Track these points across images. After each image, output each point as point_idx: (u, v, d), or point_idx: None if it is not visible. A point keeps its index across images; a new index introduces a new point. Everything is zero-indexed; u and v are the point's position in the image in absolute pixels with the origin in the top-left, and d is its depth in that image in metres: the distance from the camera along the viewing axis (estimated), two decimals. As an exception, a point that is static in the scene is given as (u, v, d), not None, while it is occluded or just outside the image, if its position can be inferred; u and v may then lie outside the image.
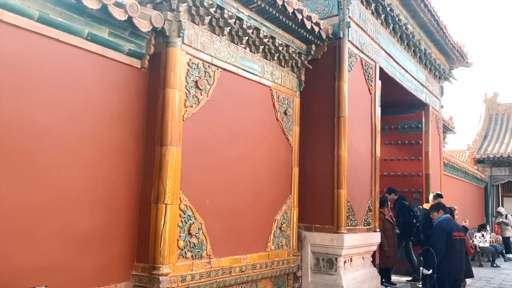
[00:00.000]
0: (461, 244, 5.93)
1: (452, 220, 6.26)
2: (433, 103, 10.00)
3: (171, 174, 4.20)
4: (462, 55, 10.12)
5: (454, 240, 5.83)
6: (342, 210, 6.02)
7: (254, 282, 5.39)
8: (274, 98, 5.86)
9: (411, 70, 8.75)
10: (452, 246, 5.81)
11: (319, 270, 6.11)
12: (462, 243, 5.98)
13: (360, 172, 6.66)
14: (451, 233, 5.85)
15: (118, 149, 4.14)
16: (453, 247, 5.81)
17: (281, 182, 5.96)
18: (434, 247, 5.84)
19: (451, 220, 6.20)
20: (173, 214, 4.21)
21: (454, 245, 5.82)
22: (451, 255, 5.80)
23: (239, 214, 5.15)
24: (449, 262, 5.79)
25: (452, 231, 5.88)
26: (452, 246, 5.81)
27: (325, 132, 6.28)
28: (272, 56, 5.80)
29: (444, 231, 5.89)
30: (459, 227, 6.21)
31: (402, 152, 9.68)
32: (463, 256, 5.97)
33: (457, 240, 5.88)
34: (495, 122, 24.94)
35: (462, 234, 6.06)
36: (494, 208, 21.45)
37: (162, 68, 4.35)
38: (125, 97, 4.25)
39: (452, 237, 5.83)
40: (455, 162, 16.68)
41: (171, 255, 4.18)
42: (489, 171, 22.48)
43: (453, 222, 6.19)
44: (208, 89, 4.73)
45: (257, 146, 5.53)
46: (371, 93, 7.12)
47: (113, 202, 4.07)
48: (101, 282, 3.89)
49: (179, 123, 4.33)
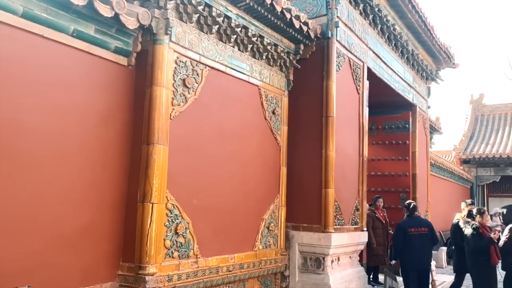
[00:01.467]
0: (420, 239, 6.50)
1: (416, 217, 6.83)
2: (420, 104, 10.08)
3: (158, 173, 4.16)
4: (449, 56, 10.22)
5: (410, 236, 6.51)
6: (329, 210, 6.03)
7: (242, 281, 5.37)
8: (262, 97, 5.85)
9: (398, 71, 8.81)
10: (410, 241, 6.50)
11: (306, 270, 6.12)
12: (422, 237, 6.53)
13: (348, 172, 6.69)
14: (407, 230, 6.54)
15: (104, 147, 4.09)
16: (411, 242, 6.49)
17: (269, 181, 5.95)
18: (393, 242, 6.85)
19: (414, 218, 6.77)
20: (159, 213, 4.18)
21: (411, 240, 6.49)
22: (409, 249, 6.49)
23: (226, 214, 5.12)
24: (408, 254, 6.53)
25: (408, 228, 6.56)
26: (409, 241, 6.50)
27: (313, 132, 6.29)
28: (261, 55, 5.79)
29: (400, 228, 6.68)
30: (420, 223, 6.73)
31: (390, 152, 9.74)
32: (423, 249, 6.53)
33: (414, 235, 6.51)
34: (481, 123, 25.29)
35: (421, 229, 6.59)
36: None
37: (149, 66, 4.31)
38: (112, 95, 4.19)
39: (408, 233, 6.52)
40: (441, 162, 16.88)
41: (157, 254, 4.14)
42: (475, 172, 22.79)
43: (416, 220, 6.78)
44: (196, 88, 4.70)
45: (245, 145, 5.51)
46: (359, 93, 7.15)
47: (99, 201, 4.02)
48: (86, 282, 3.84)
49: (166, 121, 4.29)
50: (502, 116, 25.21)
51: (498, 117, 25.27)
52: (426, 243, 6.64)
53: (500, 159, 21.38)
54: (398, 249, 6.72)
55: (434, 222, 10.24)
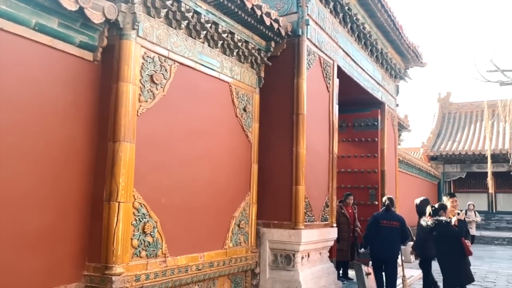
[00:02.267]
0: (390, 231, 6.81)
1: (391, 212, 7.09)
2: (389, 102, 10.26)
3: (124, 171, 4.07)
4: (417, 55, 10.44)
5: (381, 227, 6.84)
6: (300, 207, 6.07)
7: (212, 280, 5.34)
8: (233, 94, 5.81)
9: (368, 69, 8.94)
10: (380, 231, 6.83)
11: (277, 267, 6.13)
12: (393, 231, 6.82)
13: (318, 169, 6.74)
14: (379, 221, 6.89)
15: (68, 145, 3.97)
16: (380, 233, 6.81)
17: (240, 179, 5.93)
18: (366, 231, 7.18)
19: (389, 212, 7.04)
20: (126, 212, 4.09)
21: (381, 231, 6.81)
22: (379, 239, 6.84)
23: (196, 212, 5.07)
24: (377, 244, 6.91)
25: (381, 220, 6.91)
26: (379, 232, 6.83)
27: (284, 129, 6.31)
28: (231, 51, 5.75)
29: (374, 219, 7.03)
30: (393, 218, 6.98)
31: (359, 149, 9.88)
32: (391, 241, 6.84)
33: (385, 227, 6.83)
34: (448, 121, 26.05)
35: (393, 223, 6.89)
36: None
37: (115, 61, 4.20)
38: (76, 90, 4.07)
39: (380, 224, 6.85)
40: (409, 159, 17.26)
41: (124, 254, 4.06)
42: (442, 168, 23.48)
43: (390, 214, 7.04)
44: (164, 84, 4.62)
45: (216, 143, 5.47)
46: (329, 91, 7.21)
47: (62, 200, 3.90)
48: (49, 284, 3.72)
49: (133, 118, 4.20)
50: (468, 114, 26.04)
51: (464, 115, 26.09)
52: (395, 237, 6.88)
53: (466, 156, 22.10)
54: (369, 236, 7.07)
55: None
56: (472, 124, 25.08)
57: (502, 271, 11.68)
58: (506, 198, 21.94)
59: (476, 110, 25.64)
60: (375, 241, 6.93)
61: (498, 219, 21.72)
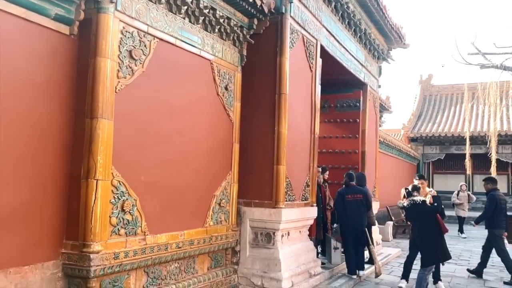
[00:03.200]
0: (356, 204, 7.47)
1: (353, 186, 7.67)
2: (371, 83, 10.29)
3: (103, 149, 4.01)
4: (400, 36, 10.45)
5: (348, 201, 7.46)
6: (281, 186, 6.10)
7: (192, 257, 5.36)
8: (214, 72, 5.74)
9: (351, 50, 8.91)
10: (347, 205, 7.45)
11: (257, 245, 6.19)
12: (358, 203, 7.49)
13: (299, 149, 6.76)
14: (345, 196, 7.48)
15: (44, 121, 3.88)
16: (349, 207, 7.45)
17: (221, 158, 5.91)
18: (335, 207, 7.78)
19: (351, 187, 7.64)
20: (104, 190, 4.04)
21: (349, 205, 7.45)
22: (347, 212, 7.45)
23: (176, 191, 5.05)
24: (346, 217, 7.48)
25: (346, 195, 7.51)
26: (347, 206, 7.45)
27: (266, 109, 6.28)
28: (213, 28, 5.64)
29: (339, 195, 7.59)
30: (356, 191, 7.61)
31: (341, 130, 9.93)
32: (359, 212, 7.47)
33: (351, 201, 7.46)
34: (429, 103, 26.37)
35: (357, 196, 7.54)
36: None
37: (93, 36, 4.08)
38: (52, 65, 3.95)
39: (346, 199, 7.46)
40: (390, 140, 17.48)
41: (102, 232, 4.03)
42: (422, 149, 23.85)
43: (352, 188, 7.63)
44: (143, 60, 4.52)
45: (197, 121, 5.42)
46: (312, 70, 7.18)
47: (39, 178, 3.83)
48: (25, 262, 3.68)
49: (111, 95, 4.11)
50: (448, 97, 26.39)
51: (445, 97, 26.43)
52: (361, 208, 7.51)
53: (445, 137, 22.47)
54: (339, 212, 7.70)
55: (381, 197, 10.63)
56: (452, 107, 25.44)
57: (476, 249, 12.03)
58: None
59: (456, 92, 25.98)
60: (344, 215, 7.51)
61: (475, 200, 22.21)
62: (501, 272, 8.75)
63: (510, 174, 22.15)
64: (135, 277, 4.50)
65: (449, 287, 7.37)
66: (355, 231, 7.46)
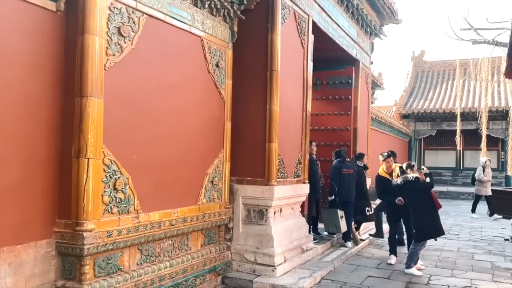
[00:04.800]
0: (349, 177, 8.14)
1: (345, 162, 8.31)
2: (363, 59, 10.24)
3: (93, 128, 3.97)
4: (393, 11, 10.36)
5: (344, 175, 8.07)
6: (273, 164, 6.12)
7: (185, 235, 5.41)
8: (205, 49, 5.67)
9: (343, 26, 8.83)
10: (343, 178, 8.05)
11: (250, 221, 6.25)
12: (350, 177, 8.17)
13: (291, 126, 6.76)
14: (341, 170, 8.06)
15: (33, 100, 3.81)
16: (344, 179, 8.06)
17: (213, 136, 5.90)
18: (332, 180, 8.13)
19: (345, 163, 8.29)
20: (96, 169, 4.03)
21: (345, 178, 8.06)
22: (342, 185, 8.05)
23: (169, 169, 5.05)
24: (342, 189, 8.06)
25: (342, 169, 8.09)
26: (343, 179, 8.05)
27: (258, 86, 6.24)
28: (203, 3, 5.54)
29: (336, 169, 8.11)
30: (349, 166, 8.31)
31: (333, 107, 9.93)
32: (351, 185, 8.19)
33: (346, 175, 8.09)
34: (421, 79, 26.38)
35: (350, 170, 8.20)
36: (416, 160, 23.05)
37: (80, 12, 3.99)
38: (39, 43, 3.87)
39: (342, 173, 8.05)
40: (382, 117, 17.53)
41: (95, 210, 4.03)
42: (413, 126, 23.99)
43: (345, 164, 8.28)
44: (132, 37, 4.44)
45: (188, 99, 5.38)
46: (304, 47, 7.12)
47: (30, 157, 3.80)
48: (18, 241, 3.69)
49: (100, 72, 4.05)
50: (440, 73, 26.41)
51: (437, 74, 26.45)
52: (352, 182, 8.25)
53: (437, 114, 22.58)
54: (337, 185, 8.09)
55: (372, 174, 10.72)
56: (444, 83, 25.49)
57: (466, 224, 12.29)
58: (473, 155, 22.69)
59: (448, 68, 25.98)
60: (340, 187, 8.06)
61: (465, 175, 22.50)
62: (489, 246, 8.96)
63: (501, 150, 22.40)
64: (129, 254, 4.53)
65: (438, 260, 7.53)
66: (347, 202, 8.11)
